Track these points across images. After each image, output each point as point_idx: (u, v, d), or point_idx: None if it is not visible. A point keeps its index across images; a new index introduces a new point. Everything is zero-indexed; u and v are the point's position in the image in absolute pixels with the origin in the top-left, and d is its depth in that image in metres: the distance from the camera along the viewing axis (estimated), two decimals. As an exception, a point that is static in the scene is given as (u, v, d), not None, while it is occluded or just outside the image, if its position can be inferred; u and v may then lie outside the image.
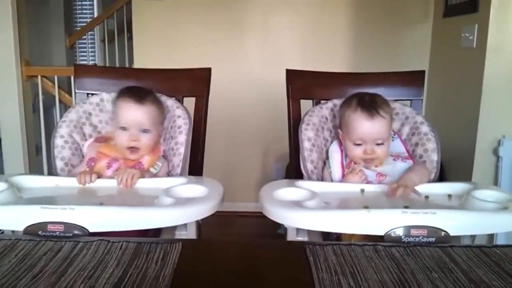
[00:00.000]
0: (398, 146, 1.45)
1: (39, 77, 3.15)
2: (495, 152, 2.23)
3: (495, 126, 2.23)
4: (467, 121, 2.33)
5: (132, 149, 1.40)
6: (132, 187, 1.26)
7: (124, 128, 1.40)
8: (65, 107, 3.38)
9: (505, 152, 2.20)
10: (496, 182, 2.24)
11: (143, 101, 1.40)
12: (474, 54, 2.29)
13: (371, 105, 1.35)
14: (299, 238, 1.18)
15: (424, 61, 2.91)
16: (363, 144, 1.35)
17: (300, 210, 1.05)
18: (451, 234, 0.97)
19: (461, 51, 2.44)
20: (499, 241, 1.95)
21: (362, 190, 1.24)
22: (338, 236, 1.23)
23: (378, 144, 1.35)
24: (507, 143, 2.20)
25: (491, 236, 1.94)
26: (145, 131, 1.40)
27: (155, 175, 1.41)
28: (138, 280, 0.77)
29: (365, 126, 1.34)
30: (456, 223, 1.00)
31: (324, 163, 1.45)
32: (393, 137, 1.45)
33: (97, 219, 1.00)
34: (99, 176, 1.31)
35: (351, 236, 1.15)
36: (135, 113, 1.39)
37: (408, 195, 1.19)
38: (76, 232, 0.96)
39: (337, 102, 1.55)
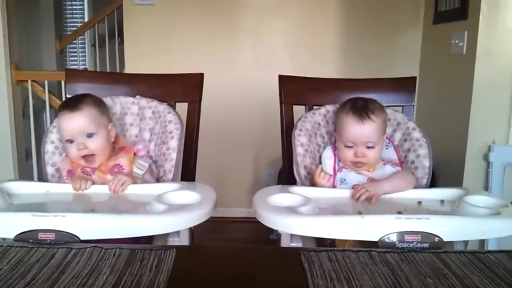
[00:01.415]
0: (392, 154, 1.45)
1: (29, 81, 3.13)
2: (486, 157, 2.25)
3: (485, 131, 2.25)
4: (457, 127, 2.34)
5: (86, 157, 1.35)
6: (118, 193, 1.25)
7: (70, 141, 1.35)
8: (56, 112, 3.35)
9: (495, 158, 2.22)
10: (486, 188, 2.25)
11: (77, 107, 1.35)
12: (464, 60, 2.31)
13: (363, 109, 1.37)
14: (293, 244, 1.18)
15: (414, 67, 2.93)
16: (354, 147, 1.36)
17: (294, 216, 1.05)
18: (445, 239, 0.98)
19: (451, 57, 2.47)
20: (490, 246, 1.97)
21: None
22: (332, 242, 1.23)
23: (368, 148, 1.36)
24: (497, 149, 2.22)
25: (482, 242, 1.95)
26: (89, 135, 1.35)
27: (141, 177, 1.39)
28: (132, 287, 0.76)
29: (355, 128, 1.35)
30: (450, 229, 1.00)
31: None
32: (387, 145, 1.45)
33: (88, 227, 0.99)
34: (94, 182, 1.30)
35: (345, 241, 1.15)
36: (74, 121, 1.34)
37: (372, 201, 1.21)
38: (67, 240, 0.95)
39: (330, 108, 1.56)
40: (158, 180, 1.44)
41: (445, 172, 2.39)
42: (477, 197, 1.15)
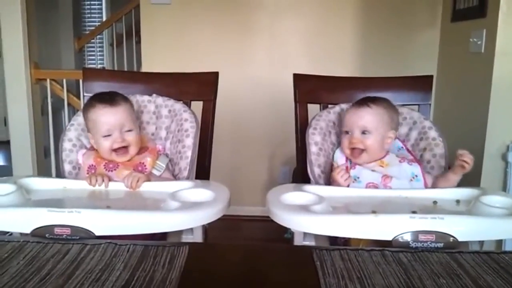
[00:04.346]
0: (405, 154, 1.43)
1: (48, 80, 3.18)
2: (504, 157, 2.22)
3: (504, 131, 2.22)
4: (475, 126, 2.31)
5: (119, 150, 1.37)
6: (135, 189, 1.26)
7: (108, 135, 1.37)
8: (74, 110, 3.41)
9: (514, 158, 2.19)
10: (504, 188, 2.22)
11: (117, 102, 1.39)
12: (482, 59, 2.28)
13: (363, 99, 1.42)
14: (306, 243, 1.18)
15: (432, 65, 2.90)
16: (350, 133, 1.39)
17: (307, 214, 1.05)
18: (459, 239, 0.96)
19: (469, 55, 2.43)
20: (507, 247, 1.94)
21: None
22: (345, 241, 1.22)
23: (364, 134, 1.37)
24: (516, 149, 2.18)
25: (499, 242, 1.92)
26: (127, 130, 1.38)
27: (159, 177, 1.41)
28: (145, 283, 0.77)
29: (352, 114, 1.41)
30: (465, 229, 0.99)
31: (331, 166, 1.44)
32: (399, 148, 1.44)
33: (103, 223, 1.00)
34: (110, 179, 1.31)
35: (359, 241, 1.15)
36: (115, 116, 1.37)
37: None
38: (82, 235, 0.96)
39: (345, 106, 1.55)
40: (174, 177, 1.46)
41: (462, 172, 2.36)
42: (493, 197, 1.13)
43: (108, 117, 1.37)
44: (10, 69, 3.00)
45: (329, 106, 1.58)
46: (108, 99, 1.39)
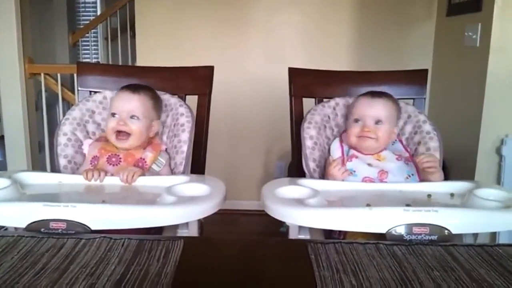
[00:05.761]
0: (398, 147, 1.44)
1: (42, 74, 3.16)
2: (498, 151, 2.23)
3: (498, 125, 2.23)
4: (470, 120, 2.32)
5: (120, 134, 1.39)
6: (131, 183, 1.26)
7: (113, 114, 1.41)
8: (68, 104, 3.39)
9: (508, 151, 2.20)
10: (498, 181, 2.23)
11: (136, 91, 1.44)
12: (477, 53, 2.28)
13: (376, 92, 1.43)
14: (301, 236, 1.18)
15: (427, 59, 2.90)
16: (361, 122, 1.39)
17: (301, 208, 1.05)
18: (453, 232, 0.97)
19: (464, 50, 2.44)
20: (501, 240, 1.95)
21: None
22: (343, 237, 1.22)
23: (377, 124, 1.37)
24: (510, 142, 2.19)
25: (493, 235, 1.93)
26: (133, 117, 1.41)
27: (158, 173, 1.41)
28: (140, 277, 0.77)
29: (365, 103, 1.41)
30: (459, 221, 0.99)
31: (326, 161, 1.44)
32: (393, 142, 1.45)
33: (99, 217, 1.00)
34: (106, 173, 1.31)
35: (356, 235, 1.15)
36: (126, 100, 1.42)
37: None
38: (78, 229, 0.96)
39: (340, 100, 1.55)
40: (171, 171, 1.46)
41: (457, 165, 2.37)
42: (487, 190, 1.14)
43: (122, 99, 1.43)
44: (3, 63, 2.98)
45: (324, 100, 1.58)
46: (132, 86, 1.46)
